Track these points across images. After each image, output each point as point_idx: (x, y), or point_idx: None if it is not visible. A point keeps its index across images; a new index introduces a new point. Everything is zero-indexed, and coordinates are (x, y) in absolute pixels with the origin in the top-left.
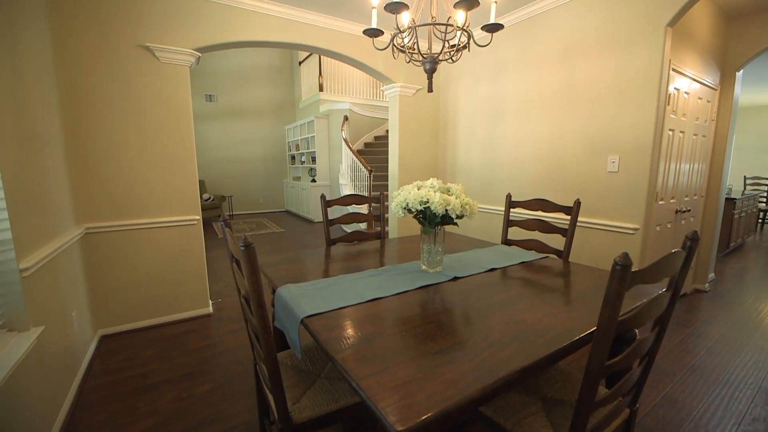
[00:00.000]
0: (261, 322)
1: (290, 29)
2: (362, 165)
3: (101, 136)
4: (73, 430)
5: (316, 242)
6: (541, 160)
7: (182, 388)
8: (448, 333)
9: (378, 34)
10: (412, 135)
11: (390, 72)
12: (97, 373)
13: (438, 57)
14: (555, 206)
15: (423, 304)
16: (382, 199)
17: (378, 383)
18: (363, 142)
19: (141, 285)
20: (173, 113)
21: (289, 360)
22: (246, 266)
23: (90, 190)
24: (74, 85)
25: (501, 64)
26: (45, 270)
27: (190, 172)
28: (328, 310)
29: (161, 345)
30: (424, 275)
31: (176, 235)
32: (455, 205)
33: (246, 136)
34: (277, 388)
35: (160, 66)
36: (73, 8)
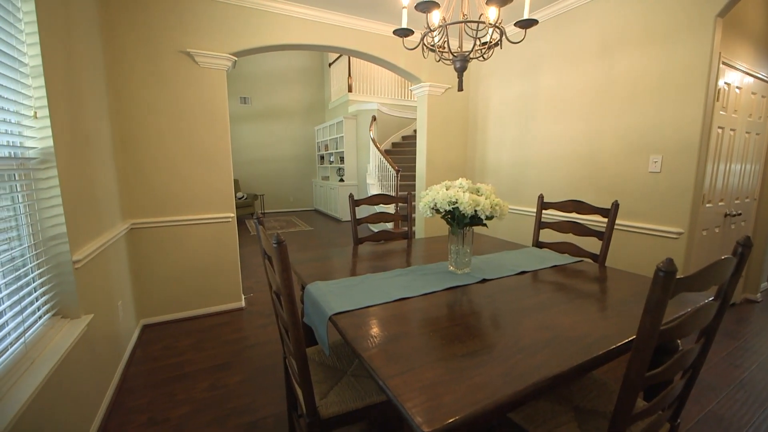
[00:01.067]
0: (291, 318)
1: (321, 32)
2: (389, 165)
3: (145, 138)
4: (118, 412)
5: (343, 241)
6: (576, 160)
7: (216, 378)
8: (476, 336)
9: (408, 33)
10: (440, 134)
11: (419, 71)
12: (138, 360)
13: (469, 55)
14: (591, 208)
15: (450, 305)
16: (409, 199)
17: (405, 383)
18: (390, 142)
19: (179, 278)
20: (211, 115)
21: (317, 356)
22: (278, 263)
23: (135, 188)
24: (122, 90)
25: (534, 61)
26: (95, 262)
27: (225, 172)
28: (356, 309)
29: (197, 336)
30: (451, 276)
31: (212, 231)
32: (485, 205)
33: (278, 137)
34: (305, 383)
35: (199, 70)
36: (122, 18)
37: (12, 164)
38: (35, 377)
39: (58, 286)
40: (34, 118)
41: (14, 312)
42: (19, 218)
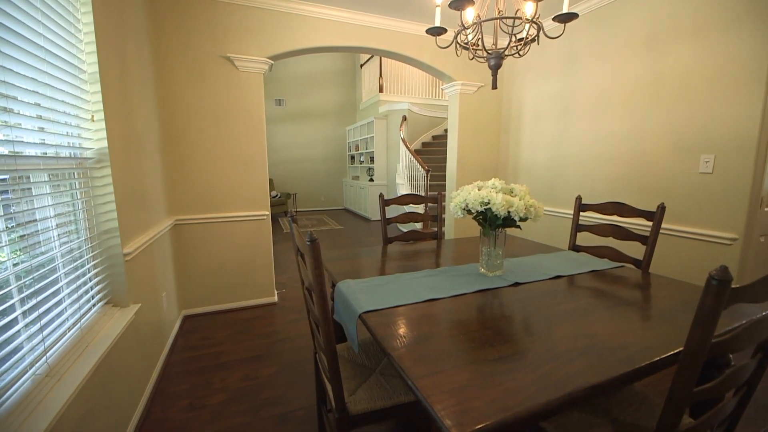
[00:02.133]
0: (322, 314)
1: (354, 33)
2: (419, 165)
3: (188, 139)
4: (160, 396)
5: (372, 240)
6: (617, 160)
7: (250, 369)
8: (508, 340)
9: (441, 32)
10: (472, 134)
11: (450, 70)
12: (179, 349)
13: (504, 52)
14: (633, 210)
15: (481, 308)
16: (439, 199)
17: (434, 384)
18: (421, 141)
19: (217, 272)
20: (248, 117)
21: (346, 352)
22: (311, 260)
23: (179, 185)
24: (167, 93)
25: (573, 56)
26: (142, 255)
27: (261, 172)
28: (385, 308)
29: (233, 328)
30: (482, 279)
31: (248, 228)
32: (519, 206)
33: (310, 138)
34: (335, 379)
35: (238, 74)
36: (168, 26)
37: (72, 164)
38: (89, 360)
39: (110, 276)
40: (91, 121)
41: (72, 299)
42: (77, 213)
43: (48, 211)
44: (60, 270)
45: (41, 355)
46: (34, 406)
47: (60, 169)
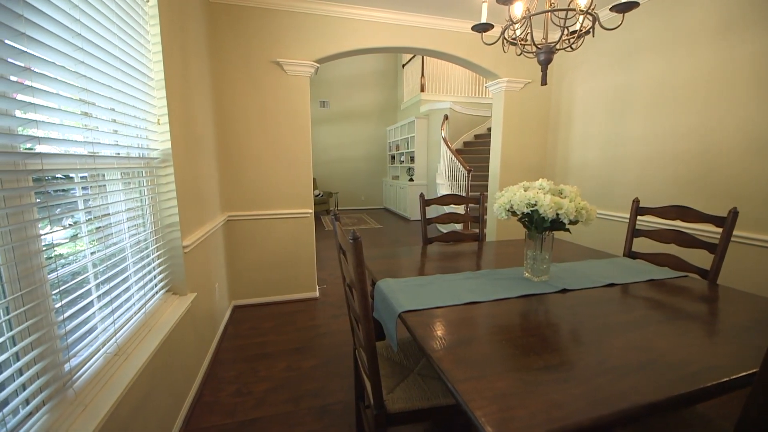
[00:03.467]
0: (363, 312)
1: (398, 33)
2: (461, 164)
3: (240, 140)
4: (211, 380)
5: (411, 240)
6: (681, 159)
7: (292, 360)
8: (554, 349)
9: (488, 28)
10: (517, 132)
11: (496, 67)
12: (229, 337)
13: (555, 46)
14: (700, 215)
15: (524, 314)
16: (481, 200)
17: (475, 389)
18: (462, 141)
19: (264, 266)
20: (295, 119)
21: (384, 351)
22: (353, 258)
23: (232, 184)
24: (223, 97)
25: (631, 48)
26: (199, 248)
27: (306, 171)
28: (425, 308)
29: (277, 320)
30: (526, 283)
31: (292, 225)
32: (568, 209)
33: (352, 138)
34: (374, 376)
35: (286, 77)
36: (225, 34)
37: (140, 163)
38: (152, 342)
39: (171, 267)
40: (157, 124)
41: (139, 286)
42: (144, 208)
43: (120, 205)
44: (129, 259)
45: (112, 336)
46: (106, 381)
47: (130, 167)
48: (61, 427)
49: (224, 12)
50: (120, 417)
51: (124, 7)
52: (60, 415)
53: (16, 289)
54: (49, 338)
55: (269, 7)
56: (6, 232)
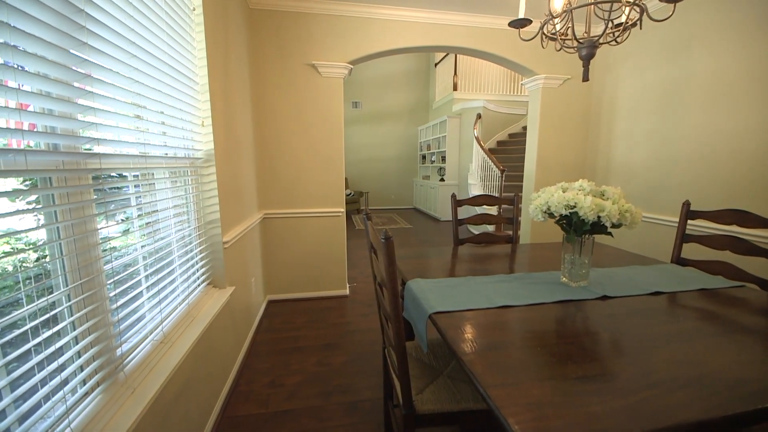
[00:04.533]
0: (394, 311)
1: (431, 32)
2: (494, 164)
3: (277, 141)
4: (247, 370)
5: (441, 240)
6: (739, 159)
7: (323, 356)
8: (593, 359)
9: (525, 24)
10: (555, 131)
11: (532, 63)
12: (264, 330)
13: (598, 40)
14: (761, 220)
15: (561, 320)
16: (516, 201)
17: (508, 395)
18: (496, 140)
19: (297, 263)
20: (329, 120)
21: (414, 351)
22: (384, 257)
23: (268, 183)
24: (261, 100)
25: (683, 39)
26: (237, 244)
27: (338, 171)
28: (456, 310)
29: (309, 315)
30: (563, 288)
31: (325, 224)
32: (611, 211)
33: (383, 138)
34: (404, 376)
35: (320, 79)
36: (263, 39)
37: (186, 163)
38: (194, 331)
39: (212, 261)
40: (201, 126)
41: (183, 279)
42: (188, 205)
43: (167, 203)
44: (175, 253)
45: (158, 324)
46: (152, 366)
47: (177, 167)
48: (112, 408)
49: (263, 17)
50: (164, 401)
51: (173, 16)
52: (111, 397)
53: (76, 278)
54: (103, 324)
55: (305, 11)
56: (69, 225)
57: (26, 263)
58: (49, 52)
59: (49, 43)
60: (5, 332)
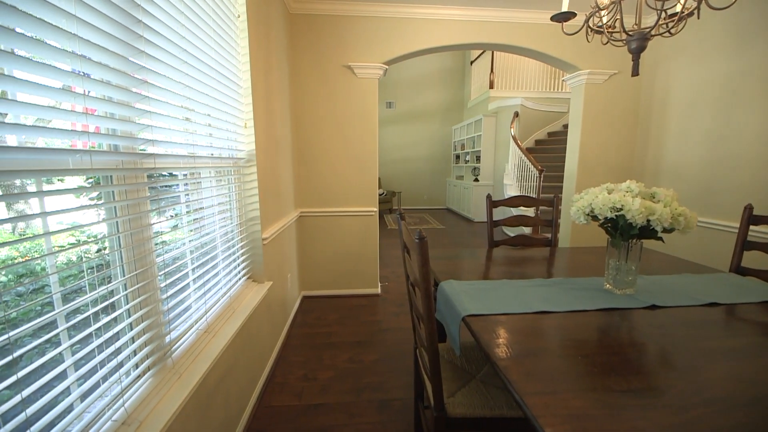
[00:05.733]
0: (427, 312)
1: (468, 30)
2: (531, 164)
3: (313, 141)
4: (282, 363)
5: (474, 242)
6: None
7: (354, 353)
8: (640, 372)
9: (569, 17)
10: (599, 129)
11: (575, 58)
12: (298, 324)
13: (649, 32)
14: None
15: (604, 329)
16: (555, 202)
17: (546, 405)
18: (534, 139)
19: (331, 261)
20: (363, 120)
21: (446, 353)
22: (418, 257)
23: (305, 182)
24: (299, 101)
25: (745, 29)
26: (275, 241)
27: (372, 171)
28: (491, 314)
29: (341, 312)
30: (607, 296)
31: (358, 223)
32: (662, 214)
33: (416, 138)
34: (435, 377)
35: (356, 81)
36: (302, 43)
37: (230, 162)
38: (235, 323)
39: (252, 257)
40: (244, 127)
41: (225, 272)
42: (231, 203)
43: (212, 200)
44: (218, 248)
45: (203, 315)
46: (197, 353)
47: (221, 167)
48: (161, 391)
49: (302, 21)
50: (207, 387)
51: (219, 24)
52: (160, 381)
53: (132, 269)
54: (155, 313)
55: (341, 14)
56: (127, 220)
57: (88, 254)
58: (112, 60)
59: (111, 52)
60: (70, 317)
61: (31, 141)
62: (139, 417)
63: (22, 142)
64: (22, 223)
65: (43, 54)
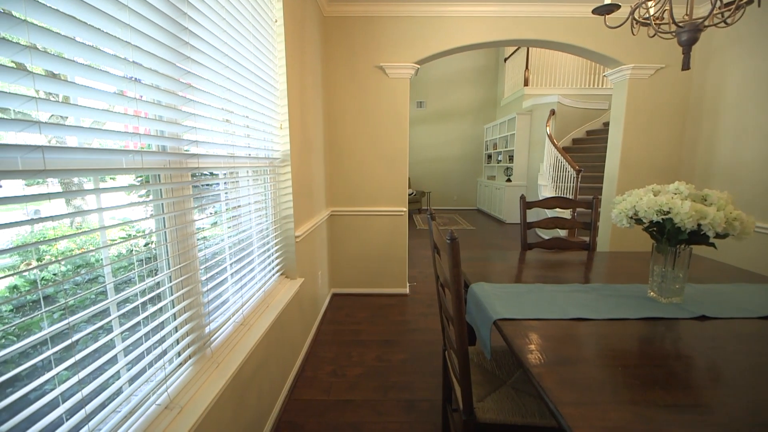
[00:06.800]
0: (457, 314)
1: (502, 26)
2: (568, 164)
3: (345, 141)
4: (312, 358)
5: (506, 244)
6: None
7: (382, 351)
8: (686, 386)
9: (613, 9)
10: (643, 127)
11: (618, 52)
12: (328, 321)
13: (702, 23)
14: None
15: (647, 339)
16: (594, 204)
17: (583, 416)
18: (571, 138)
19: (360, 259)
20: (394, 120)
21: (475, 356)
22: (449, 258)
23: (336, 181)
24: (331, 101)
25: None
26: (307, 239)
27: (402, 171)
28: (524, 318)
29: (370, 311)
30: (651, 304)
31: (388, 222)
32: (715, 219)
33: (447, 138)
34: (465, 381)
35: (388, 81)
36: (334, 45)
37: (265, 162)
38: (269, 317)
39: (285, 253)
40: (279, 128)
41: (261, 268)
42: (267, 201)
43: (249, 199)
44: (254, 244)
45: (239, 308)
46: (234, 345)
47: (258, 166)
48: (201, 379)
49: (335, 24)
50: (242, 378)
51: (258, 29)
52: (200, 369)
53: (176, 263)
54: (196, 305)
55: (373, 15)
56: (172, 216)
57: (137, 248)
58: (161, 66)
59: (160, 58)
60: (121, 306)
61: (87, 142)
62: (181, 402)
63: (81, 143)
64: (79, 218)
65: (99, 61)
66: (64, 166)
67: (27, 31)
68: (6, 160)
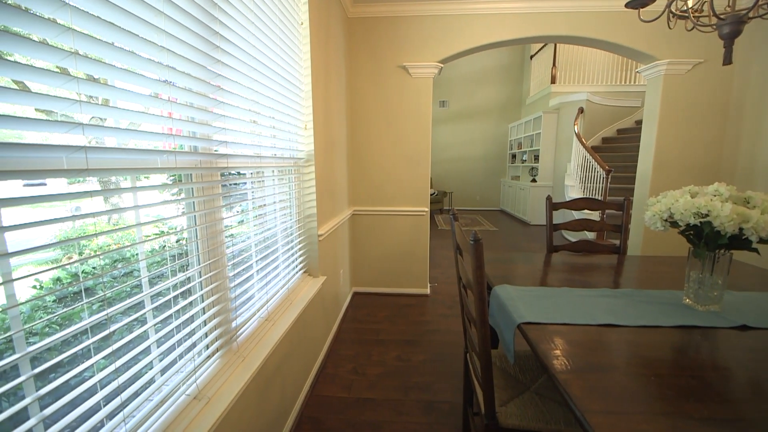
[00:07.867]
0: (480, 316)
1: (529, 23)
2: (597, 164)
3: (367, 141)
4: (333, 355)
5: (530, 246)
6: None
7: (402, 351)
8: (724, 399)
9: (647, 2)
10: (679, 125)
11: (652, 47)
12: (349, 319)
13: (746, 14)
14: None
15: (681, 348)
16: (626, 206)
17: (611, 426)
18: (600, 137)
19: (381, 259)
20: (417, 120)
21: (498, 360)
22: (472, 260)
23: (358, 181)
24: (354, 102)
25: None
26: (330, 237)
27: (424, 171)
28: (549, 323)
29: (391, 310)
30: (686, 312)
31: (409, 222)
32: (759, 222)
33: (470, 137)
34: (487, 384)
35: (411, 80)
36: (358, 46)
37: (290, 162)
38: (292, 313)
39: (308, 252)
40: (304, 129)
41: (285, 266)
42: (291, 200)
43: (274, 197)
44: (279, 242)
45: (264, 304)
46: (258, 339)
47: (283, 166)
48: (227, 371)
49: (359, 24)
50: (266, 372)
51: (284, 31)
52: (227, 362)
53: (206, 259)
54: (224, 300)
55: (397, 15)
56: (203, 214)
57: (170, 244)
58: (193, 69)
59: (193, 62)
60: (154, 299)
61: (124, 142)
62: (208, 393)
63: (119, 143)
64: (116, 215)
65: (136, 65)
66: (105, 165)
67: (72, 37)
68: (53, 159)
